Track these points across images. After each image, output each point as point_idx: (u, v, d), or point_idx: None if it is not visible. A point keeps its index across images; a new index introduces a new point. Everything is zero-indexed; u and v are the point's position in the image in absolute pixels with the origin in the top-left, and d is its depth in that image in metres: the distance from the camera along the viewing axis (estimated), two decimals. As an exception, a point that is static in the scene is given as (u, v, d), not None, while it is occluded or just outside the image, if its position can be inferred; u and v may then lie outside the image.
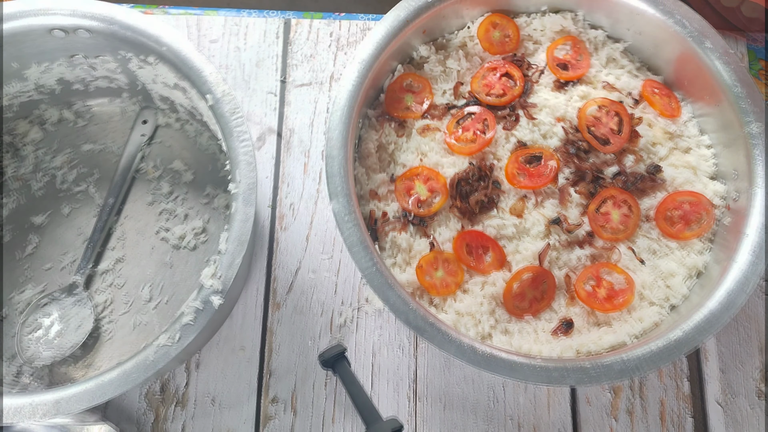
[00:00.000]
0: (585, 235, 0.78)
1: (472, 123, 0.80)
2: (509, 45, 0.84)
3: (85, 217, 0.83)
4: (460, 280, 0.76)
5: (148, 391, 0.78)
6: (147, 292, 0.80)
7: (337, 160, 0.72)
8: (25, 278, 0.80)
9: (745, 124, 0.75)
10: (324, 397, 0.79)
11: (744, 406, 0.80)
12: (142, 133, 0.85)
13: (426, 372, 0.80)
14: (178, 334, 0.63)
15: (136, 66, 0.76)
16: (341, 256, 0.83)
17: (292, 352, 0.80)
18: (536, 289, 0.76)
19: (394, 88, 0.83)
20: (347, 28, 0.92)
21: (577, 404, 0.79)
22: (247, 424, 0.77)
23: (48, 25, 0.72)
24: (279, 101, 0.89)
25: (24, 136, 0.85)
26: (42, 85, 0.81)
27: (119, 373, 0.62)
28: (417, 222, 0.78)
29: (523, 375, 0.66)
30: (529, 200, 0.79)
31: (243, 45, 0.91)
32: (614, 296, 0.75)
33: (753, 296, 0.84)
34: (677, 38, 0.79)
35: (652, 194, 0.79)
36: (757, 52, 0.94)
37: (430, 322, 0.67)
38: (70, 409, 0.62)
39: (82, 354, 0.78)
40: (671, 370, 0.81)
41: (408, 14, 0.78)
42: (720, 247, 0.76)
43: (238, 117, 0.69)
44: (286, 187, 0.86)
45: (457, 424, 0.78)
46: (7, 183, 0.84)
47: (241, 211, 0.67)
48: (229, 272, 0.65)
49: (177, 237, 0.82)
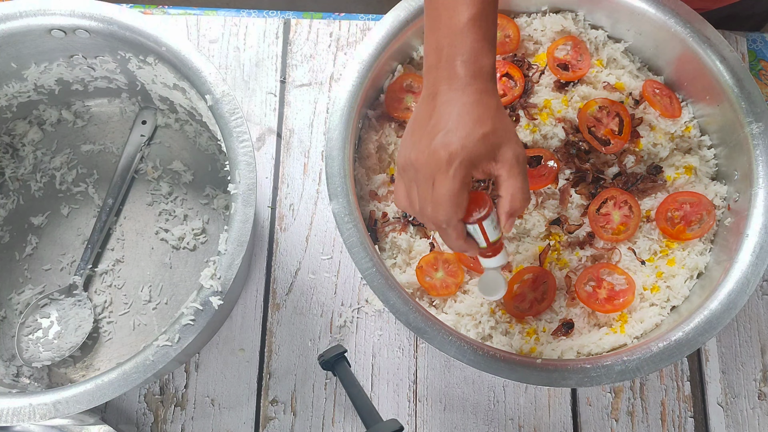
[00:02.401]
0: (585, 235, 0.78)
1: (473, 123, 0.80)
2: (509, 45, 0.84)
3: (84, 217, 0.83)
4: (460, 281, 0.76)
5: (147, 392, 0.78)
6: (146, 292, 0.80)
7: (337, 160, 0.72)
8: (24, 279, 0.80)
9: (746, 125, 0.74)
10: (324, 399, 0.78)
11: (745, 407, 0.80)
12: (141, 134, 0.84)
13: (426, 373, 0.80)
14: (178, 335, 0.63)
15: (136, 66, 0.76)
16: (341, 256, 0.83)
17: (291, 353, 0.80)
18: (536, 290, 0.76)
19: (394, 89, 0.82)
20: (347, 28, 0.92)
21: (578, 405, 0.79)
22: (246, 425, 0.77)
23: (47, 26, 0.71)
24: (279, 101, 0.89)
25: (23, 136, 0.84)
26: (41, 86, 0.81)
27: (118, 374, 0.62)
28: (417, 222, 0.78)
29: (524, 376, 0.66)
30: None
31: (242, 45, 0.91)
32: (615, 297, 0.75)
33: (754, 297, 0.84)
34: (678, 38, 0.78)
35: (653, 195, 0.79)
36: (757, 53, 0.94)
37: (431, 323, 0.67)
38: (69, 411, 0.61)
39: (81, 355, 0.78)
40: (672, 371, 0.81)
41: (408, 14, 0.78)
42: (721, 247, 0.76)
43: (237, 117, 0.69)
44: (286, 187, 0.86)
45: (457, 425, 0.78)
46: (6, 183, 0.83)
47: (241, 212, 0.67)
48: (229, 273, 0.65)
49: (176, 238, 0.82)
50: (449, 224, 0.57)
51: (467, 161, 0.55)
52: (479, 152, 0.55)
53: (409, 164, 0.58)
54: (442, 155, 0.55)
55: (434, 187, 0.56)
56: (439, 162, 0.55)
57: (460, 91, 0.57)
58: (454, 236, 0.58)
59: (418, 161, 0.57)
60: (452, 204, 0.56)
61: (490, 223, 0.59)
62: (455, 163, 0.55)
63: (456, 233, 0.58)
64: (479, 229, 0.59)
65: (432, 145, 0.56)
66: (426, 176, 0.56)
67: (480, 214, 0.58)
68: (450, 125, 0.56)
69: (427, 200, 0.57)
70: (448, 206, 0.56)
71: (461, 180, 0.55)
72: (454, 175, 0.55)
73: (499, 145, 0.56)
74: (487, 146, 0.56)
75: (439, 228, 0.58)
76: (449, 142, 0.55)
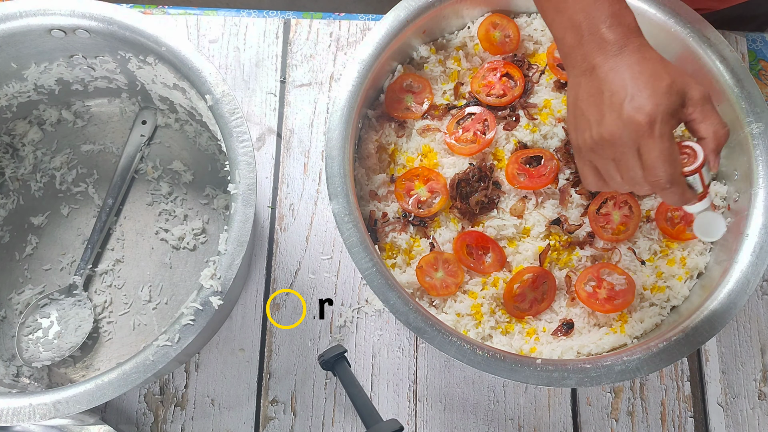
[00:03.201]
0: (585, 235, 0.78)
1: (473, 123, 0.80)
2: (509, 45, 0.84)
3: (84, 217, 0.83)
4: (460, 281, 0.76)
5: (147, 392, 0.78)
6: (146, 292, 0.80)
7: (337, 160, 0.72)
8: (24, 279, 0.80)
9: (746, 125, 0.74)
10: (324, 399, 0.78)
11: (745, 407, 0.80)
12: (141, 134, 0.84)
13: (426, 373, 0.80)
14: (178, 335, 0.63)
15: (136, 66, 0.76)
16: (341, 256, 0.83)
17: (291, 353, 0.80)
18: (536, 290, 0.76)
19: (394, 89, 0.82)
20: (347, 28, 0.92)
21: (578, 405, 0.79)
22: (246, 425, 0.77)
23: (47, 25, 0.71)
24: (279, 101, 0.89)
25: (23, 136, 0.84)
26: (41, 86, 0.81)
27: (118, 374, 0.62)
28: (417, 223, 0.78)
29: (524, 376, 0.66)
30: (529, 201, 0.79)
31: (242, 45, 0.91)
32: (615, 297, 0.75)
33: (754, 297, 0.84)
34: (678, 38, 0.78)
35: (653, 195, 0.79)
36: (757, 53, 0.94)
37: (430, 323, 0.67)
38: (69, 411, 0.61)
39: (82, 355, 0.78)
40: (672, 371, 0.81)
41: (408, 14, 0.78)
42: (721, 247, 0.76)
43: (237, 117, 0.69)
44: (286, 187, 0.86)
45: (457, 425, 0.78)
46: (6, 183, 0.83)
47: (241, 212, 0.67)
48: (229, 273, 0.65)
49: (176, 238, 0.82)
50: (673, 182, 0.56)
51: (667, 117, 0.55)
52: (672, 104, 0.55)
53: (601, 142, 0.58)
54: (640, 120, 0.55)
55: (642, 153, 0.56)
56: (639, 128, 0.55)
57: (619, 55, 0.57)
58: (680, 192, 0.58)
59: (613, 136, 0.56)
60: (670, 163, 0.55)
61: (705, 168, 0.59)
62: (657, 124, 0.55)
63: (681, 188, 0.58)
64: (698, 177, 0.59)
65: (623, 115, 0.55)
66: (628, 146, 0.56)
67: (698, 162, 0.58)
68: (631, 90, 0.55)
69: (632, 168, 0.57)
70: (667, 166, 0.55)
71: (669, 137, 0.55)
72: (661, 134, 0.55)
73: (684, 90, 0.56)
74: (675, 96, 0.56)
75: (661, 189, 0.57)
76: (641, 105, 0.55)
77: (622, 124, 0.56)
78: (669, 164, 0.56)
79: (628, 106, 0.55)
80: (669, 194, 0.58)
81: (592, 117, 0.58)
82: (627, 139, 0.56)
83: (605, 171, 0.60)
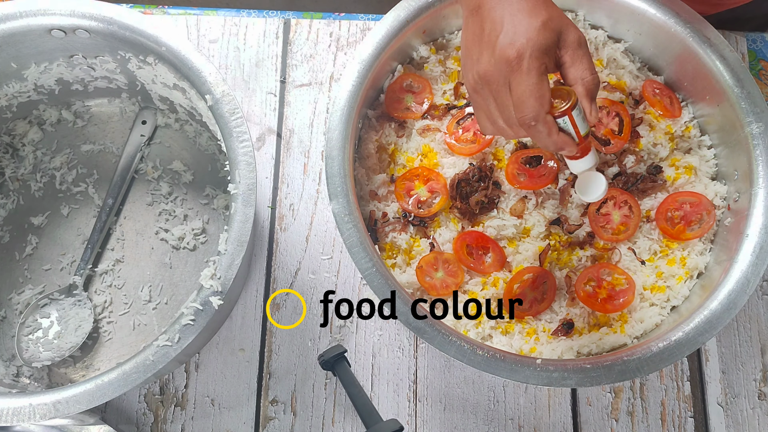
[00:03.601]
0: (585, 235, 0.78)
1: (473, 123, 0.80)
2: (509, 45, 0.84)
3: (84, 217, 0.83)
4: (460, 281, 0.76)
5: (147, 392, 0.78)
6: (146, 292, 0.80)
7: (337, 160, 0.72)
8: (24, 279, 0.80)
9: (746, 125, 0.74)
10: (324, 399, 0.78)
11: (745, 407, 0.80)
12: (141, 134, 0.84)
13: (426, 373, 0.80)
14: (178, 335, 0.63)
15: (136, 66, 0.76)
16: (341, 256, 0.83)
17: (291, 353, 0.80)
18: (536, 290, 0.76)
19: (394, 89, 0.82)
20: (347, 28, 0.92)
21: (578, 405, 0.79)
22: (246, 425, 0.77)
23: (47, 26, 0.71)
24: (279, 101, 0.89)
25: (23, 136, 0.84)
26: (41, 86, 0.81)
27: (118, 374, 0.62)
28: (417, 222, 0.78)
29: (524, 376, 0.66)
30: (529, 201, 0.79)
31: (242, 45, 0.91)
32: (614, 297, 0.75)
33: (754, 297, 0.84)
34: (678, 38, 0.78)
35: (653, 195, 0.79)
36: (757, 53, 0.94)
37: (431, 323, 0.67)
38: (69, 411, 0.61)
39: (82, 355, 0.78)
40: (672, 371, 0.81)
41: (408, 14, 0.78)
42: (721, 247, 0.76)
43: (237, 117, 0.69)
44: (286, 187, 0.86)
45: (457, 425, 0.78)
46: (6, 183, 0.83)
47: (241, 212, 0.67)
48: (229, 273, 0.65)
49: (176, 238, 0.82)
50: (538, 119, 0.55)
51: (537, 51, 0.54)
52: (546, 40, 0.54)
53: (479, 80, 0.57)
54: (510, 54, 0.54)
55: (512, 89, 0.55)
56: (509, 62, 0.54)
57: None
58: (546, 132, 0.56)
59: (487, 73, 0.56)
60: (535, 97, 0.54)
61: (578, 114, 0.58)
62: (526, 57, 0.54)
63: (547, 128, 0.56)
64: (569, 122, 0.57)
65: (496, 51, 0.54)
66: (500, 83, 0.55)
67: (567, 104, 0.57)
68: (506, 26, 0.55)
69: (507, 106, 0.56)
70: (532, 101, 0.54)
71: (537, 70, 0.54)
72: (529, 68, 0.54)
73: (560, 30, 0.55)
74: (550, 32, 0.55)
75: (528, 128, 0.56)
76: (513, 40, 0.54)
77: (495, 61, 0.55)
78: (535, 99, 0.54)
79: (501, 42, 0.54)
80: (537, 133, 0.57)
81: (474, 55, 0.57)
82: (498, 75, 0.55)
83: (488, 111, 0.59)
